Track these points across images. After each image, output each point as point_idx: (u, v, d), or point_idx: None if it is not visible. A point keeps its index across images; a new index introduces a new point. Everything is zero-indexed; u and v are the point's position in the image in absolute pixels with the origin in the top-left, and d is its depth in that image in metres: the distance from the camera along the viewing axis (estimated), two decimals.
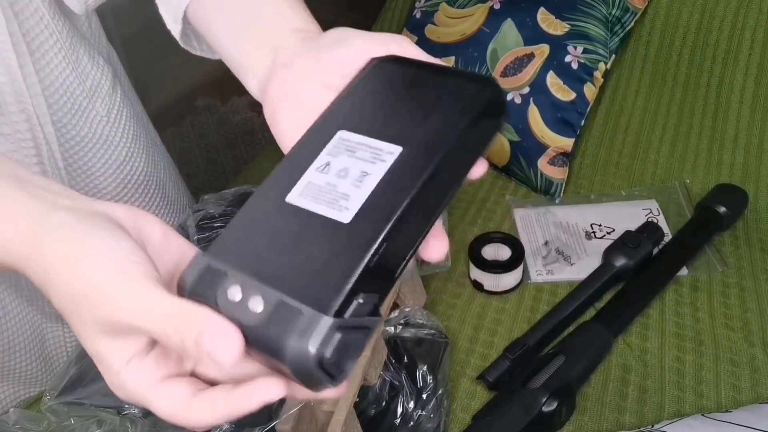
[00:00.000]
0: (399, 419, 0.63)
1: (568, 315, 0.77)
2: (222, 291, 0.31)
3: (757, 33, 0.99)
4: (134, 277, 0.31)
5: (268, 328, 0.29)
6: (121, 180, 0.70)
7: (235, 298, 0.30)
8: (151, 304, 0.30)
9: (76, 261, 0.31)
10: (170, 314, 0.30)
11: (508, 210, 0.96)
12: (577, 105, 0.97)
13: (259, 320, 0.29)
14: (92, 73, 0.66)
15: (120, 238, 0.33)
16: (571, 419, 0.68)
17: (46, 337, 0.71)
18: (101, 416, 0.56)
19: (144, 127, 0.75)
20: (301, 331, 0.28)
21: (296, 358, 0.28)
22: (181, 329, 0.29)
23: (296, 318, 0.28)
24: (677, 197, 0.96)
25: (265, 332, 0.29)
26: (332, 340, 0.28)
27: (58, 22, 0.61)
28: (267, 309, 0.29)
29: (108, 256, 0.32)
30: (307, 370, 0.29)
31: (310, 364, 0.28)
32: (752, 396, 0.71)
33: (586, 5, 1.01)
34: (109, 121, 0.68)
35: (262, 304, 0.30)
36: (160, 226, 0.36)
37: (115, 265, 0.31)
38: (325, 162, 0.34)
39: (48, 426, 0.56)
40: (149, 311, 0.30)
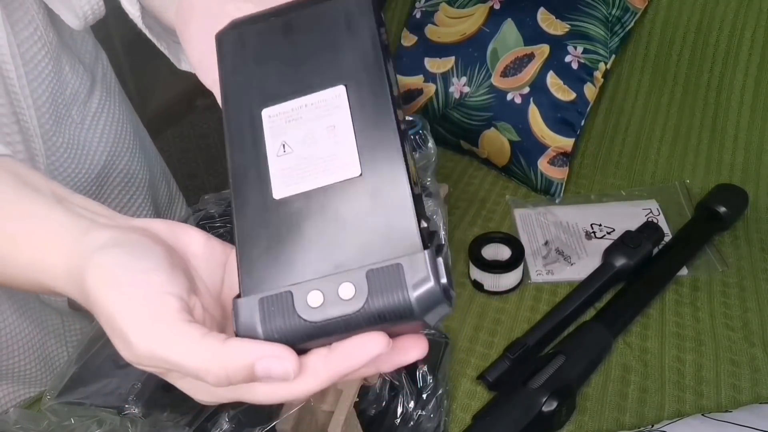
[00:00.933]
0: (399, 419, 0.63)
1: (568, 315, 0.77)
2: (300, 306, 0.29)
3: (757, 33, 0.99)
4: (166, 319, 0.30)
5: (376, 300, 0.28)
6: (99, 184, 0.70)
7: (317, 302, 0.29)
8: (178, 355, 0.29)
9: (109, 296, 0.31)
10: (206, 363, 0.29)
11: (508, 210, 0.96)
12: (577, 105, 0.97)
13: (361, 300, 0.29)
14: (72, 82, 0.66)
15: (156, 266, 0.32)
16: (571, 419, 0.68)
17: (47, 335, 0.71)
18: (101, 416, 0.56)
19: (128, 129, 0.74)
20: (413, 278, 0.28)
21: (425, 302, 0.28)
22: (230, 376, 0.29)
23: (398, 273, 0.28)
24: (677, 197, 0.96)
25: (375, 306, 0.28)
26: (439, 266, 0.28)
27: (49, 33, 0.62)
28: (360, 287, 0.29)
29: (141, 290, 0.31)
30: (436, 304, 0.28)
31: (439, 297, 0.28)
32: (752, 396, 0.71)
33: (586, 5, 1.01)
34: (83, 128, 0.68)
35: (352, 287, 0.29)
36: (199, 234, 0.35)
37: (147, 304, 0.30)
38: (279, 144, 0.32)
39: (48, 426, 0.56)
40: (177, 363, 0.29)
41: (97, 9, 0.59)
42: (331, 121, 0.32)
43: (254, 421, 0.55)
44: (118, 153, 0.72)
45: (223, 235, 0.72)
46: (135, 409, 0.56)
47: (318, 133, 0.32)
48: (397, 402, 0.64)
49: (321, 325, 0.29)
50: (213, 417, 0.56)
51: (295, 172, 0.31)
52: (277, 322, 0.29)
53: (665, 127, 1.04)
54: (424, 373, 0.66)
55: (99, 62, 0.73)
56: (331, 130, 0.31)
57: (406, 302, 0.28)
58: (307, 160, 0.31)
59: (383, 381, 0.64)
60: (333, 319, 0.29)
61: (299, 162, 0.31)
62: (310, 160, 0.31)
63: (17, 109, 0.58)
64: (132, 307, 0.30)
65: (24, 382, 0.70)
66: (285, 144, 0.32)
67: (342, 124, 0.31)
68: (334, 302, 0.29)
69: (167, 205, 0.84)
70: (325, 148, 0.31)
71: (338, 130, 0.31)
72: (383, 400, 0.64)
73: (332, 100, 0.32)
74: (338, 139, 0.31)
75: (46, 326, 0.70)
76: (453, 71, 1.01)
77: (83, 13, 0.58)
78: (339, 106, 0.32)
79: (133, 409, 0.56)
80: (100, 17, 0.60)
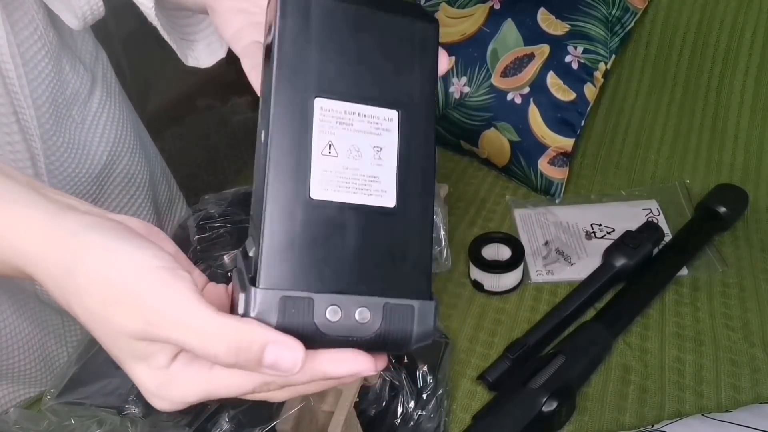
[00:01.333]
0: (399, 419, 0.63)
1: (568, 315, 0.77)
2: (319, 315, 0.30)
3: (757, 33, 0.99)
4: (174, 286, 0.30)
5: (386, 332, 0.31)
6: (99, 184, 0.70)
7: (335, 317, 0.31)
8: (194, 319, 0.29)
9: (111, 263, 0.30)
10: (220, 333, 0.29)
11: (508, 210, 0.96)
12: (577, 105, 0.97)
13: (373, 327, 0.31)
14: (72, 82, 0.66)
15: (149, 244, 0.31)
16: (571, 419, 0.68)
17: (47, 335, 0.71)
18: (101, 416, 0.56)
19: (129, 129, 0.75)
20: (420, 322, 0.32)
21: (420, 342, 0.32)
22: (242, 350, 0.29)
23: (410, 314, 0.32)
24: (677, 197, 0.96)
25: (383, 337, 0.31)
26: (437, 314, 0.33)
27: (49, 33, 0.61)
28: (375, 315, 0.31)
29: (144, 261, 0.30)
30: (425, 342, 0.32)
31: (429, 339, 0.32)
32: (752, 396, 0.71)
33: (586, 5, 1.01)
34: (84, 128, 0.68)
35: (369, 313, 0.31)
36: (171, 243, 0.35)
37: (153, 272, 0.30)
38: (326, 143, 0.31)
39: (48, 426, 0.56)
40: (190, 327, 0.29)
41: (96, 9, 0.59)
42: (379, 142, 0.32)
43: (254, 421, 0.55)
44: (119, 153, 0.72)
45: (223, 235, 0.72)
46: (135, 409, 0.56)
47: (364, 149, 0.32)
48: (397, 402, 0.64)
49: (331, 338, 0.31)
50: (213, 417, 0.56)
51: (336, 179, 0.31)
52: (293, 323, 0.30)
53: (665, 127, 1.04)
54: (424, 373, 0.66)
55: (99, 62, 0.73)
56: (377, 151, 0.32)
57: (407, 340, 0.32)
58: (349, 171, 0.31)
59: (383, 381, 0.64)
60: (343, 336, 0.31)
61: (342, 170, 0.31)
62: (352, 173, 0.32)
63: (17, 109, 0.58)
64: (145, 275, 0.30)
65: (24, 382, 0.70)
66: (332, 145, 0.31)
67: (388, 149, 0.32)
68: (349, 322, 0.31)
69: (167, 205, 0.84)
70: (368, 167, 0.32)
71: (383, 154, 0.32)
72: (383, 400, 0.64)
73: (384, 121, 0.32)
74: (382, 163, 0.32)
75: (46, 326, 0.70)
76: (453, 71, 1.01)
77: (82, 13, 0.58)
78: (389, 131, 0.32)
79: (133, 409, 0.56)
80: (99, 18, 0.60)
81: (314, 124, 0.31)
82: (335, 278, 0.31)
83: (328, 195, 0.31)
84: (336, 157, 0.31)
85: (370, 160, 0.32)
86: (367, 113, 0.32)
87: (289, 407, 0.54)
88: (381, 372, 0.64)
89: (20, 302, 0.67)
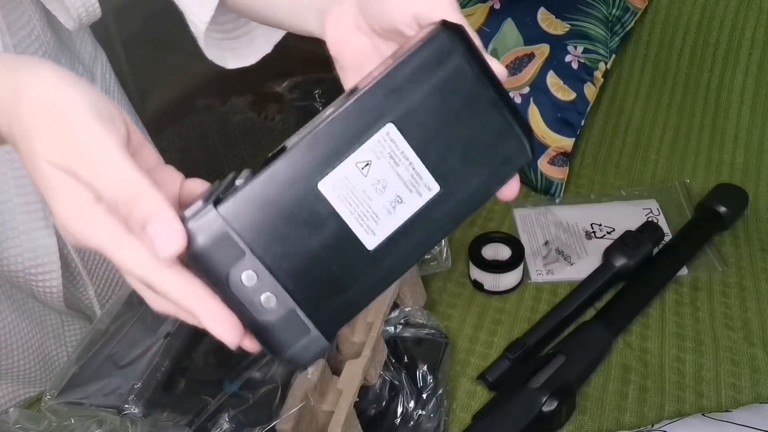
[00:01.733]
0: (399, 419, 0.63)
1: (568, 315, 0.77)
2: (236, 270, 0.31)
3: (757, 33, 0.99)
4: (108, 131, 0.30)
5: (274, 327, 0.32)
6: None
7: (248, 282, 0.31)
8: (115, 166, 0.30)
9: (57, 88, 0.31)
10: (130, 185, 0.30)
11: (508, 210, 0.96)
12: (577, 105, 0.97)
13: (267, 316, 0.32)
14: None
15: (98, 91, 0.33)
16: (571, 419, 0.68)
17: (46, 335, 0.71)
18: (101, 416, 0.56)
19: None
20: (303, 348, 0.32)
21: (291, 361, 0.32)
22: (133, 204, 0.29)
23: (303, 334, 0.32)
24: (677, 197, 0.96)
25: (270, 329, 0.32)
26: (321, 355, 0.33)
27: (46, 33, 0.61)
28: (278, 310, 0.32)
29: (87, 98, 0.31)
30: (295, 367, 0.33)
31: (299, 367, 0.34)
32: (752, 396, 0.71)
33: (586, 5, 1.01)
34: None
35: (275, 305, 0.32)
36: (139, 133, 0.36)
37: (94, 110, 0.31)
38: (366, 160, 0.32)
39: (48, 426, 0.56)
40: (109, 173, 0.30)
41: (91, 10, 0.59)
42: (405, 196, 0.33)
43: (254, 421, 0.55)
44: None
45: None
46: (135, 409, 0.56)
47: (389, 192, 0.32)
48: (397, 402, 0.64)
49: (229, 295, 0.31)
50: (213, 417, 0.56)
51: (348, 192, 0.32)
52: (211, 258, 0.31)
53: (665, 127, 1.04)
54: (424, 373, 0.66)
55: (98, 62, 0.72)
56: (398, 202, 0.33)
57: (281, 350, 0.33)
58: (362, 196, 0.32)
59: (383, 381, 0.64)
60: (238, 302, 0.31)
61: (358, 190, 0.32)
62: (363, 200, 0.32)
63: None
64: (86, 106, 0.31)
65: (24, 382, 0.70)
66: (369, 165, 0.32)
67: (407, 207, 0.33)
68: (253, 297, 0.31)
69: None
70: (379, 206, 0.32)
71: (399, 208, 0.33)
72: (383, 400, 0.64)
73: (423, 186, 0.33)
74: (392, 212, 0.33)
75: (45, 326, 0.70)
76: None
77: (77, 14, 0.58)
78: (420, 195, 0.33)
79: (133, 409, 0.56)
80: (95, 19, 0.60)
81: (371, 139, 0.32)
82: (277, 256, 0.31)
83: (331, 196, 0.32)
84: (364, 177, 0.32)
85: (385, 203, 0.32)
86: (416, 167, 0.33)
87: (289, 407, 0.54)
88: (381, 372, 0.64)
89: (19, 302, 0.67)
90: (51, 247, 0.63)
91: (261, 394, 0.57)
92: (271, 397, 0.57)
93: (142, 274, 0.31)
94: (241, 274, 0.31)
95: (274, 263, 0.31)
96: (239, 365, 0.60)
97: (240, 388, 0.58)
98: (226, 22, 0.57)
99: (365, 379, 0.61)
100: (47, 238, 0.63)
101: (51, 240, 0.63)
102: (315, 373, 0.57)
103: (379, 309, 0.66)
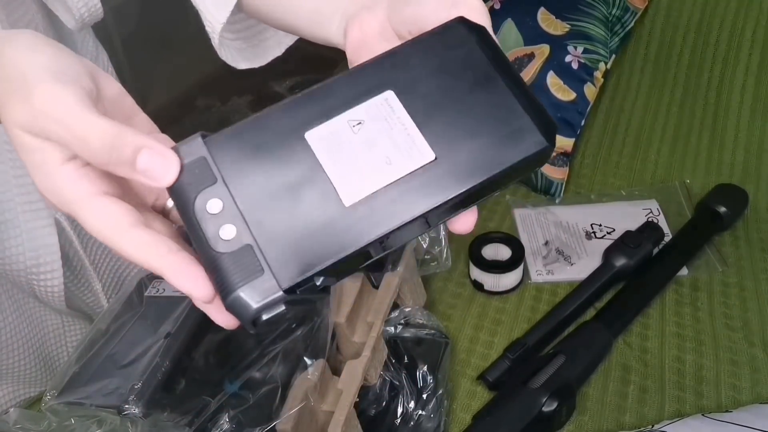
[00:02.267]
0: (399, 419, 0.63)
1: (568, 315, 0.77)
2: (204, 195, 0.30)
3: (757, 33, 0.99)
4: (66, 90, 0.30)
5: (226, 261, 0.29)
6: None
7: (212, 210, 0.30)
8: (74, 119, 0.30)
9: (28, 55, 0.31)
10: (102, 134, 0.29)
11: (508, 210, 0.96)
12: (577, 105, 0.97)
13: (222, 248, 0.30)
14: None
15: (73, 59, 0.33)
16: (571, 419, 0.68)
17: (46, 335, 0.71)
18: (101, 416, 0.56)
19: None
20: (252, 288, 0.29)
21: (235, 307, 0.29)
22: (114, 149, 0.29)
23: (255, 273, 0.29)
24: (677, 197, 0.96)
25: (222, 263, 0.29)
26: (274, 309, 0.29)
27: (49, 33, 0.61)
28: (235, 244, 0.30)
29: (51, 60, 0.31)
30: (241, 320, 0.30)
31: (245, 319, 0.29)
32: (752, 396, 0.71)
33: (586, 5, 1.01)
34: None
35: (233, 237, 0.30)
36: (117, 84, 0.36)
37: (53, 71, 0.31)
38: (358, 119, 0.32)
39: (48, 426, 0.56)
40: (69, 125, 0.30)
41: (94, 10, 0.59)
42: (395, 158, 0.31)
43: (254, 421, 0.55)
44: None
45: None
46: (135, 409, 0.56)
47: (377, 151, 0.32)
48: (397, 402, 0.64)
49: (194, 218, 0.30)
50: (213, 417, 0.56)
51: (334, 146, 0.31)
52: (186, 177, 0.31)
53: (665, 127, 1.04)
54: (424, 373, 0.66)
55: (99, 62, 0.73)
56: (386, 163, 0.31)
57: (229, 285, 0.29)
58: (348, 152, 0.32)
59: (383, 381, 0.64)
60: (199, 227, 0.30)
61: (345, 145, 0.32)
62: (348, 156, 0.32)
63: None
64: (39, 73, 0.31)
65: (24, 382, 0.70)
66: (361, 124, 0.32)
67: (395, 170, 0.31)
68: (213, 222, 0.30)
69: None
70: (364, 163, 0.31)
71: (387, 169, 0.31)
72: (383, 400, 0.64)
73: (415, 150, 0.32)
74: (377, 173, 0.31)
75: (46, 326, 0.70)
76: None
77: (80, 14, 0.58)
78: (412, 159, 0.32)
79: (133, 409, 0.56)
80: (97, 19, 0.60)
81: (368, 101, 0.32)
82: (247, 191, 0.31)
83: (316, 146, 0.31)
84: (354, 134, 0.32)
85: (372, 162, 0.31)
86: (410, 132, 0.32)
87: (289, 407, 0.54)
88: (381, 372, 0.64)
89: (20, 302, 0.67)
90: (53, 246, 0.63)
91: (261, 394, 0.57)
92: (271, 397, 0.57)
93: (104, 237, 0.30)
94: (208, 201, 0.30)
95: (243, 197, 0.30)
96: (239, 365, 0.60)
97: (240, 388, 0.58)
98: (237, 22, 0.58)
99: (365, 379, 0.61)
100: (49, 237, 0.63)
101: (53, 239, 0.63)
102: (315, 373, 0.57)
103: (379, 309, 0.66)
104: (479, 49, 0.33)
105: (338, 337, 0.65)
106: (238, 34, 0.58)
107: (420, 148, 0.32)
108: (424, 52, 0.33)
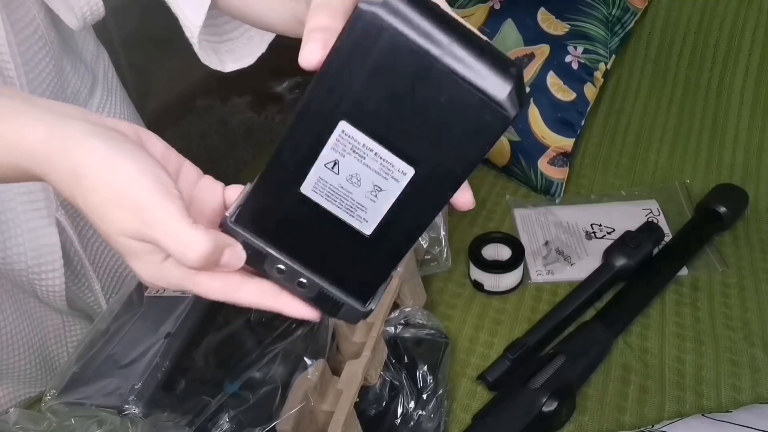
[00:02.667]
0: (399, 419, 0.63)
1: (568, 315, 0.77)
2: (268, 265, 0.36)
3: (757, 33, 0.99)
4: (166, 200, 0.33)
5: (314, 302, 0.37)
6: None
7: (281, 273, 0.36)
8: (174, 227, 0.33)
9: (111, 169, 0.34)
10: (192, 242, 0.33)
11: (508, 210, 0.96)
12: (577, 105, 0.97)
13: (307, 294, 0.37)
14: (73, 81, 0.66)
15: (142, 152, 0.35)
16: (571, 419, 0.68)
17: (47, 335, 0.71)
18: (102, 416, 0.56)
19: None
20: (345, 314, 0.38)
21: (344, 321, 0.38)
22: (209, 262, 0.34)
23: (338, 306, 0.37)
24: (677, 197, 0.96)
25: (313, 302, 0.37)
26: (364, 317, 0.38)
27: (50, 32, 0.61)
28: (311, 291, 0.37)
29: (140, 166, 0.34)
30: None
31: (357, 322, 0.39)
32: (752, 396, 0.71)
33: (586, 5, 1.01)
34: None
35: (307, 288, 0.37)
36: (159, 140, 0.39)
37: (148, 181, 0.33)
38: (332, 160, 0.33)
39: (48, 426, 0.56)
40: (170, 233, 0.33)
41: (96, 10, 0.59)
42: (382, 184, 0.33)
43: (254, 421, 0.55)
44: None
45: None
46: (135, 409, 0.56)
47: (365, 183, 0.33)
48: (397, 402, 0.64)
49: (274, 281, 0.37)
50: (213, 417, 0.56)
51: (328, 190, 0.34)
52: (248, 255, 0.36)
53: (665, 127, 1.04)
54: (424, 373, 0.66)
55: (100, 61, 0.73)
56: (377, 190, 0.33)
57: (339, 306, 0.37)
58: (342, 191, 0.34)
59: (383, 381, 0.64)
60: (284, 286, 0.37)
61: (336, 186, 0.34)
62: (344, 194, 0.34)
63: None
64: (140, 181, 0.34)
65: (24, 382, 0.70)
66: (337, 163, 0.33)
67: (388, 193, 0.33)
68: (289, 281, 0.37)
69: None
70: (361, 197, 0.34)
71: (381, 195, 0.33)
72: (383, 400, 0.64)
73: (396, 171, 0.33)
74: (375, 201, 0.34)
75: (46, 326, 0.70)
76: None
77: (82, 14, 0.58)
78: (397, 180, 0.33)
79: (133, 409, 0.56)
80: (99, 18, 0.60)
81: (330, 140, 0.32)
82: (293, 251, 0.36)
83: (314, 197, 0.34)
84: (337, 175, 0.33)
85: (365, 193, 0.33)
86: (383, 156, 0.32)
87: (289, 407, 0.54)
88: (381, 372, 0.64)
89: (20, 302, 0.67)
90: (54, 246, 0.63)
91: (261, 394, 0.57)
92: (271, 397, 0.57)
93: (219, 296, 0.37)
94: (273, 269, 0.36)
95: (293, 257, 0.36)
96: (239, 365, 0.60)
97: (240, 388, 0.58)
98: (221, 24, 0.58)
99: (365, 380, 0.61)
100: (50, 236, 0.63)
101: (54, 239, 0.63)
102: (315, 374, 0.57)
103: (379, 309, 0.66)
104: (398, 35, 0.29)
105: (338, 338, 0.65)
106: (223, 36, 0.59)
107: (398, 167, 0.32)
108: (347, 62, 0.30)
